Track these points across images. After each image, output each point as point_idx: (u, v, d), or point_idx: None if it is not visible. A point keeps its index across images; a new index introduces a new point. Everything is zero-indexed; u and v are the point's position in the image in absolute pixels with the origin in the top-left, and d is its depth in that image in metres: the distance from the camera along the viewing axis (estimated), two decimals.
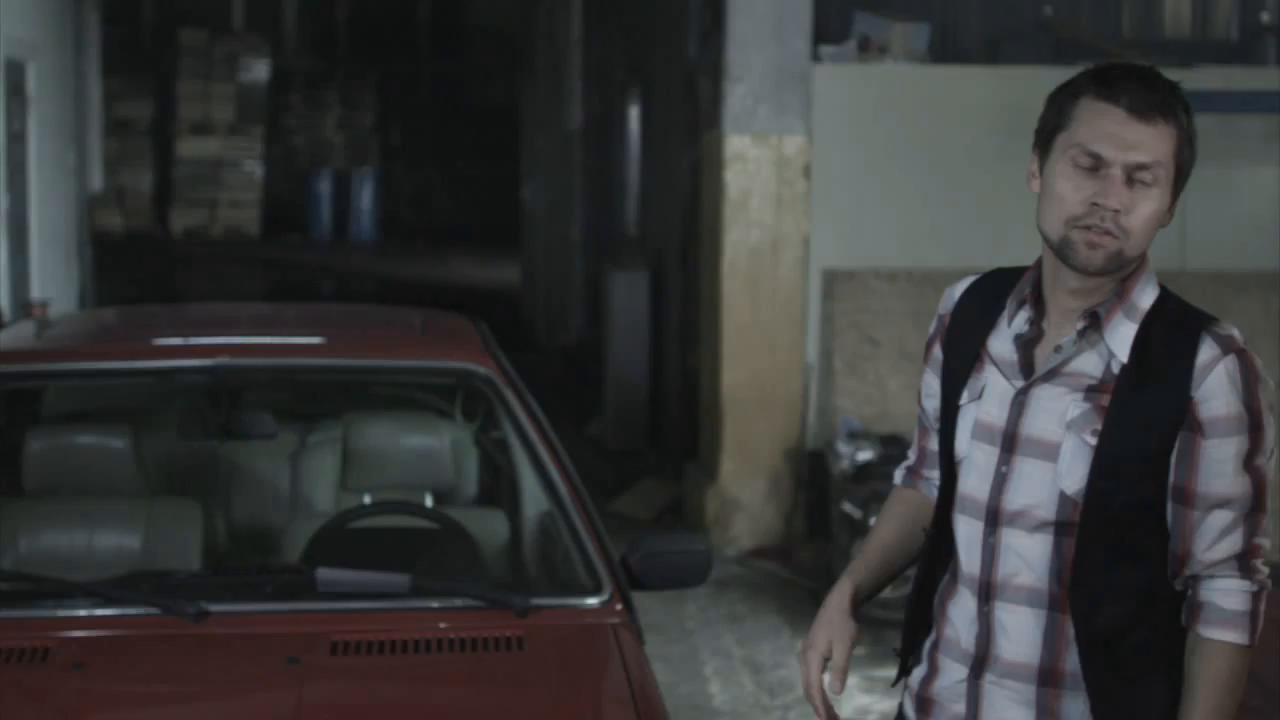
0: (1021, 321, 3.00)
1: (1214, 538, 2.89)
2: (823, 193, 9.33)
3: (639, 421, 12.02)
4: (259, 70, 26.87)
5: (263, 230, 26.44)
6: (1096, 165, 2.87)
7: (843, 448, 8.74)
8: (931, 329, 3.19)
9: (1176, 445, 2.89)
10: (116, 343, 5.26)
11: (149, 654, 3.95)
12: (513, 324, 16.88)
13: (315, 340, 5.24)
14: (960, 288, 3.16)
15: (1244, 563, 2.90)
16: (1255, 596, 2.90)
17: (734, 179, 9.32)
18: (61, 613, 4.09)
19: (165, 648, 3.96)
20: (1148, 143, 2.85)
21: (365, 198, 27.15)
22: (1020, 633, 2.96)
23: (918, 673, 3.12)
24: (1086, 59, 9.74)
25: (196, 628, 3.99)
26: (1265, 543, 2.92)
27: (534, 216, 18.65)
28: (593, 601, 4.22)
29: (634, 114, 13.58)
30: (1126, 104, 2.86)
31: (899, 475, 3.28)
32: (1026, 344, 2.98)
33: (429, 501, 5.18)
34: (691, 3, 10.55)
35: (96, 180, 21.15)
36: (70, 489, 4.90)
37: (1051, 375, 2.94)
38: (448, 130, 28.14)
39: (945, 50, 10.01)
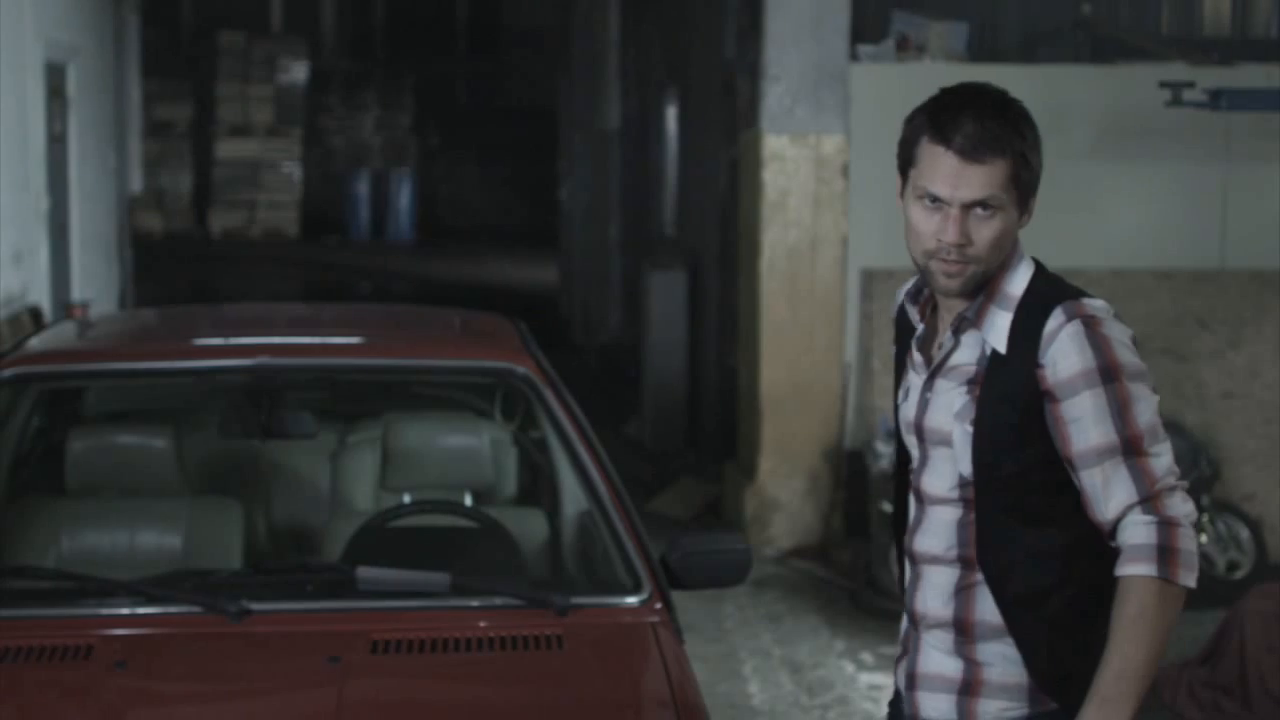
0: (916, 319, 3.29)
1: (1106, 494, 3.05)
2: (861, 192, 9.32)
3: (677, 421, 12.02)
4: (297, 72, 26.94)
5: (301, 231, 26.51)
6: (937, 203, 3.09)
7: (881, 447, 8.74)
8: None
9: (1046, 419, 3.09)
10: (157, 343, 5.28)
11: (190, 652, 3.96)
12: (550, 324, 16.89)
13: (355, 340, 5.25)
14: (901, 292, 3.38)
15: (1148, 505, 3.03)
16: (1164, 529, 3.01)
17: (772, 178, 9.31)
18: (104, 611, 4.11)
19: (206, 646, 3.98)
20: (978, 180, 3.06)
21: (403, 198, 27.20)
22: (936, 591, 3.21)
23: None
24: (1125, 58, 9.73)
25: (237, 626, 4.01)
26: (1170, 481, 3.04)
27: (571, 216, 18.66)
28: (632, 600, 4.22)
29: (671, 114, 13.58)
30: (957, 146, 3.06)
31: None
32: (923, 343, 3.27)
33: (468, 501, 5.19)
34: (729, 2, 10.55)
35: (136, 182, 21.27)
36: (112, 488, 4.93)
37: (941, 370, 3.20)
38: (485, 131, 28.18)
39: (983, 49, 10.00)
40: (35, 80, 12.27)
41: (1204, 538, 8.69)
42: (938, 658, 3.22)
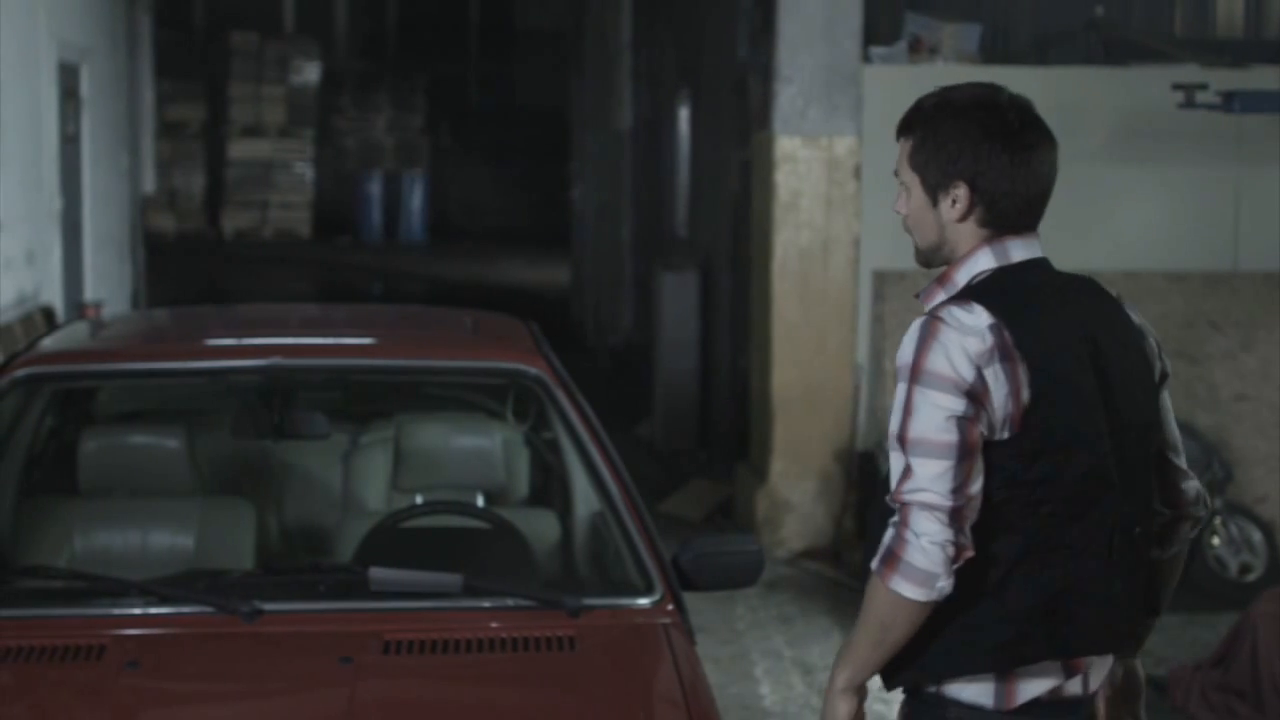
0: None
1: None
2: (873, 194, 9.31)
3: (688, 422, 12.02)
4: (310, 72, 26.97)
5: (313, 232, 26.54)
6: None
7: None
8: None
9: None
10: (170, 343, 5.28)
11: (203, 652, 3.97)
12: (562, 325, 16.90)
13: (367, 341, 5.25)
14: None
15: (899, 508, 3.07)
16: (896, 535, 3.05)
17: (784, 180, 9.31)
18: (116, 611, 4.11)
19: (219, 646, 3.98)
20: (898, 156, 3.30)
21: (415, 199, 27.22)
22: None
23: None
24: (1137, 59, 9.71)
25: (250, 626, 4.01)
26: (921, 497, 3.03)
27: (583, 217, 18.67)
28: (644, 602, 4.22)
29: (684, 115, 13.58)
30: None
31: None
32: None
33: (480, 501, 5.19)
34: (742, 4, 10.55)
35: (149, 182, 21.28)
36: (124, 489, 4.93)
37: None
38: (497, 132, 28.21)
39: (996, 51, 9.98)
40: (49, 81, 12.30)
41: (1216, 540, 8.68)
42: None
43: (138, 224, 17.02)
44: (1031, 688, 3.15)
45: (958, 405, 3.03)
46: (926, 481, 3.02)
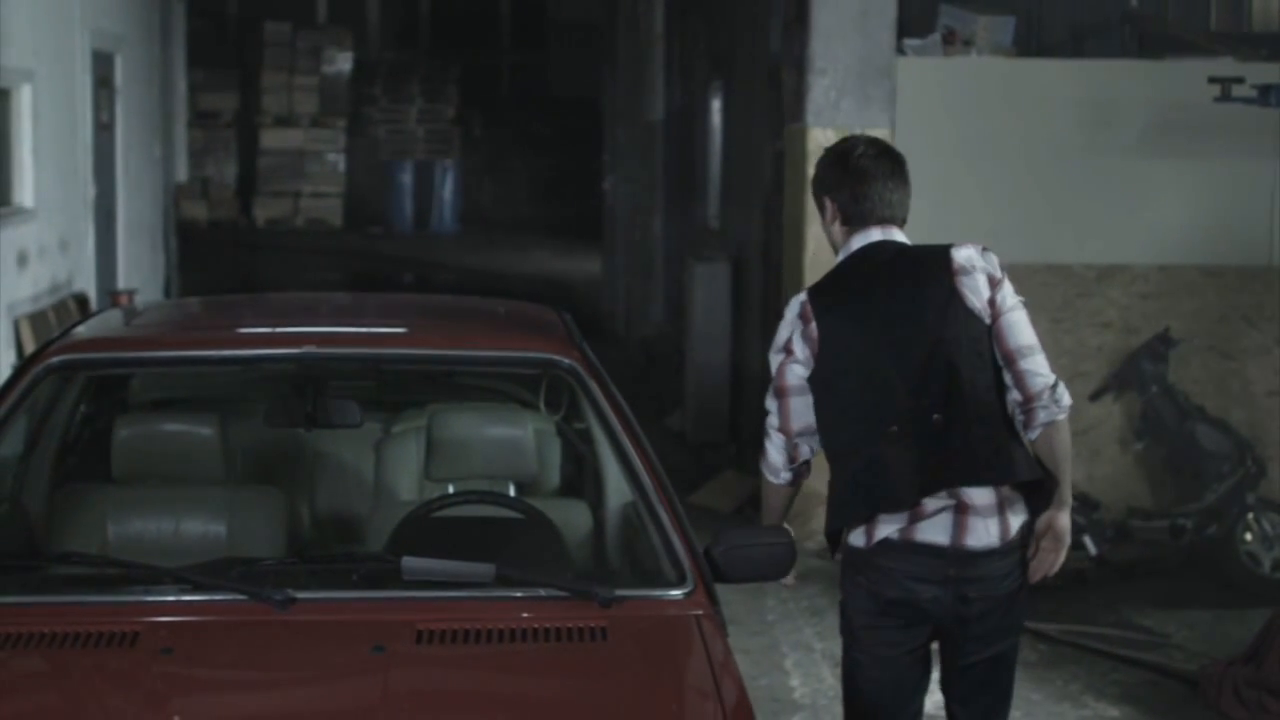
0: None
1: None
2: None
3: (719, 413, 12.01)
4: (342, 62, 26.99)
5: (345, 221, 26.57)
6: None
7: None
8: None
9: None
10: (202, 331, 5.29)
11: (235, 640, 3.97)
12: (593, 316, 16.90)
13: (400, 330, 5.26)
14: None
15: None
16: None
17: None
18: (150, 598, 4.12)
19: (251, 634, 3.98)
20: None
21: (446, 189, 27.22)
22: None
23: None
24: (1173, 52, 9.67)
25: (283, 615, 4.01)
26: (766, 420, 4.62)
27: (615, 208, 18.66)
28: (676, 593, 4.21)
29: (716, 106, 13.57)
30: None
31: None
32: None
33: (512, 491, 5.19)
34: None
35: (182, 171, 21.35)
36: (157, 476, 4.95)
37: None
38: (529, 122, 28.19)
39: (1030, 43, 9.95)
40: (83, 70, 12.34)
41: (1249, 536, 8.65)
42: None
43: (170, 212, 17.07)
44: (883, 530, 4.47)
45: (778, 359, 4.56)
46: (769, 409, 4.60)
